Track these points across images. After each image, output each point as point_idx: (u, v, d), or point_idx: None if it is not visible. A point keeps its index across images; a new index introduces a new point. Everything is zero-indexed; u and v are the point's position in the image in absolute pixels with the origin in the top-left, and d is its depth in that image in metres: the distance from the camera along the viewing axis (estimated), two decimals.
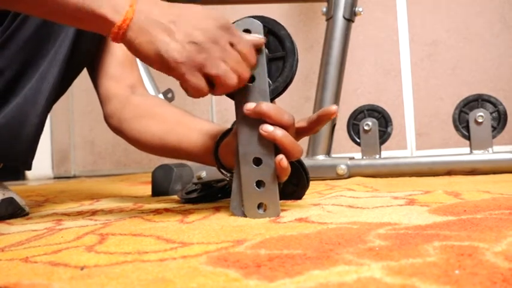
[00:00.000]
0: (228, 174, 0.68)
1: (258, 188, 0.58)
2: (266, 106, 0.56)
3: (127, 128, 0.79)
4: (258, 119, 0.57)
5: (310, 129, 0.62)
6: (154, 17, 0.53)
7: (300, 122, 0.62)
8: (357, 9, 1.39)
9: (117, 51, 0.85)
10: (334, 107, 0.58)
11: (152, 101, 0.82)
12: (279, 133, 0.56)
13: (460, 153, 1.24)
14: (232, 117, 0.60)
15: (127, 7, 0.52)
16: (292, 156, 0.58)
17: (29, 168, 0.78)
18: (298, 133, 0.62)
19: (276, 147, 0.57)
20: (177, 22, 0.53)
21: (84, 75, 0.87)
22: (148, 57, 0.53)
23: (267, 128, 0.56)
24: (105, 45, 0.85)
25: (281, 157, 0.56)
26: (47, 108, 0.76)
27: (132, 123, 0.79)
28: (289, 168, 0.58)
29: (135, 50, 0.54)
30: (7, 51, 0.74)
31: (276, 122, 0.56)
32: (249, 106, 0.57)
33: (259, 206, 0.58)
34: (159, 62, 0.53)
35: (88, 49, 0.81)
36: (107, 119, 0.83)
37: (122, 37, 0.53)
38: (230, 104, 0.81)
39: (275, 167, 0.57)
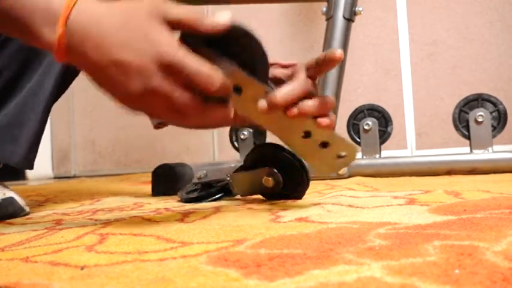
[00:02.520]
0: None
1: (325, 147, 0.60)
2: (279, 97, 0.55)
3: None
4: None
5: (319, 71, 0.61)
6: (87, 54, 0.46)
7: (310, 63, 0.62)
8: (357, 8, 1.39)
9: None
10: (338, 52, 0.57)
11: None
12: (306, 108, 0.56)
13: (460, 152, 1.23)
14: None
15: (55, 40, 0.46)
16: (327, 110, 0.58)
17: (31, 168, 0.78)
18: (310, 76, 0.61)
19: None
20: (111, 65, 0.46)
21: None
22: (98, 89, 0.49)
23: (293, 112, 0.56)
24: None
25: (320, 120, 0.57)
26: (47, 108, 0.76)
27: None
28: (330, 121, 0.59)
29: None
30: (6, 50, 0.74)
31: (296, 99, 0.56)
32: (262, 107, 0.54)
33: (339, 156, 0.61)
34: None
35: None
36: None
37: (66, 62, 0.48)
38: None
39: (322, 128, 0.58)
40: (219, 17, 0.49)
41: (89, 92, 2.45)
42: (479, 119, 1.20)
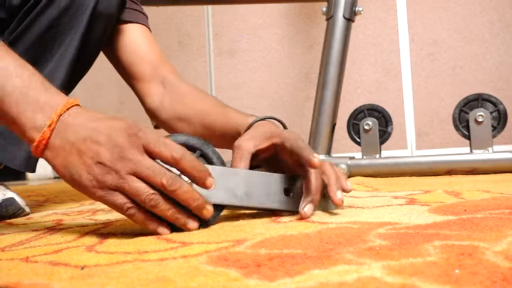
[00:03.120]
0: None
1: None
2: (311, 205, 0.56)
3: (167, 127, 0.84)
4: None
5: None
6: (68, 138, 0.49)
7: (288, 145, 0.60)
8: (357, 8, 1.39)
9: (142, 51, 0.85)
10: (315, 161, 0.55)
11: (184, 100, 0.82)
12: (337, 191, 0.59)
13: (460, 152, 1.24)
14: None
15: (45, 126, 0.49)
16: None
17: (33, 171, 0.78)
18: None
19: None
20: (87, 140, 0.49)
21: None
22: (66, 180, 0.50)
23: (341, 201, 0.58)
24: (128, 46, 0.85)
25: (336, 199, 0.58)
26: None
27: (170, 124, 0.82)
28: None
29: (53, 169, 0.51)
30: (16, 50, 0.74)
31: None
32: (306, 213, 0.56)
33: None
34: (77, 187, 0.50)
35: (92, 53, 0.81)
36: (148, 115, 0.87)
37: (41, 155, 0.50)
38: (230, 103, 0.81)
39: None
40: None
41: (89, 92, 2.45)
42: (479, 119, 1.20)
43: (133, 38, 0.86)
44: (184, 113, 0.80)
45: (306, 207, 0.55)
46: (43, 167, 2.69)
